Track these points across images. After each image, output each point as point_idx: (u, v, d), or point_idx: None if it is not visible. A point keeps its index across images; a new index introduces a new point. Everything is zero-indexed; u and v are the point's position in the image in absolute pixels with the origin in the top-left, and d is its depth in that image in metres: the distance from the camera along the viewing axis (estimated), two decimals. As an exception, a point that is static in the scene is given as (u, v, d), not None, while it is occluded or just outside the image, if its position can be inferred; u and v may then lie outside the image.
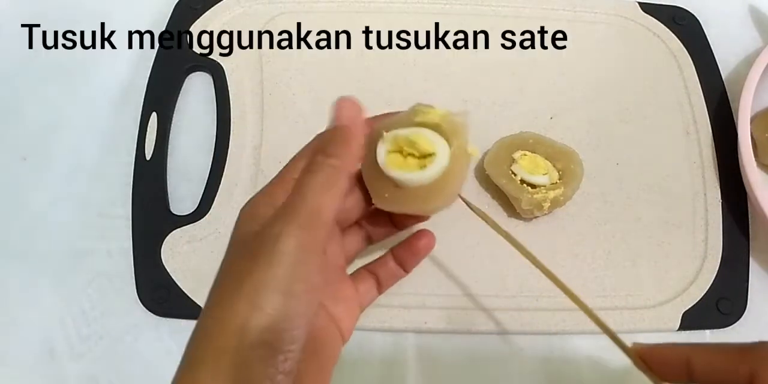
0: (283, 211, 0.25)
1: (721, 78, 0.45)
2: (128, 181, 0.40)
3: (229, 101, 0.43)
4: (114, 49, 0.46)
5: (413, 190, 0.29)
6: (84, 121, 0.44)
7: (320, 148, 0.28)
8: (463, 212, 0.40)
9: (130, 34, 0.46)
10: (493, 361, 0.37)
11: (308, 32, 0.46)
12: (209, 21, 0.46)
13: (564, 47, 0.46)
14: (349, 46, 0.45)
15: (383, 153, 0.29)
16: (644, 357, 0.27)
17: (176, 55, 0.45)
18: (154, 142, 0.41)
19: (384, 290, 0.33)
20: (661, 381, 0.27)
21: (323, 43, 0.45)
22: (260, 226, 0.25)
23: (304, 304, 0.24)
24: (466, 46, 0.46)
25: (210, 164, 0.41)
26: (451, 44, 0.46)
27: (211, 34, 0.45)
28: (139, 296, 0.38)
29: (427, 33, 0.46)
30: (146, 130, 0.42)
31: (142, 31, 0.46)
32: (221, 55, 0.45)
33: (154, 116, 0.42)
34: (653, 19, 0.48)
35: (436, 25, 0.46)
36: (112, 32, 0.47)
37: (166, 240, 0.39)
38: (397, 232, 0.33)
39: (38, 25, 0.47)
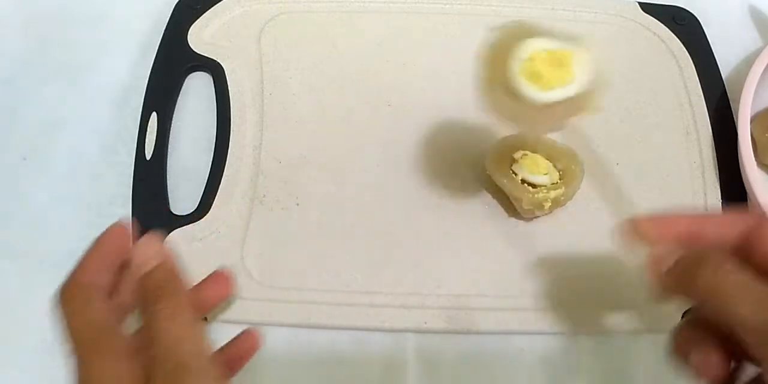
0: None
1: (721, 78, 0.45)
2: (128, 181, 0.40)
3: (229, 101, 0.43)
4: (114, 49, 0.46)
5: (532, 106, 0.30)
6: (84, 121, 0.44)
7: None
8: (464, 212, 0.40)
9: (130, 34, 0.46)
10: (493, 361, 0.37)
11: (308, 32, 0.46)
12: (209, 21, 0.46)
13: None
14: (349, 46, 0.45)
15: (521, 67, 0.30)
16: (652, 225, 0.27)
17: (176, 55, 0.45)
18: (154, 142, 0.41)
19: None
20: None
21: (323, 44, 0.45)
22: None
23: None
24: (466, 46, 0.46)
25: (210, 164, 0.41)
26: (450, 44, 0.46)
27: (211, 34, 0.45)
28: (139, 296, 0.38)
29: (427, 33, 0.46)
30: (146, 130, 0.42)
31: (142, 31, 0.46)
32: (221, 55, 0.45)
33: (154, 116, 0.42)
34: (653, 19, 0.48)
35: (436, 25, 0.46)
36: (112, 32, 0.47)
37: (166, 240, 0.39)
38: None
39: (38, 25, 0.47)
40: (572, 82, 0.29)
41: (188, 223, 0.39)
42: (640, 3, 0.48)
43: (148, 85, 0.43)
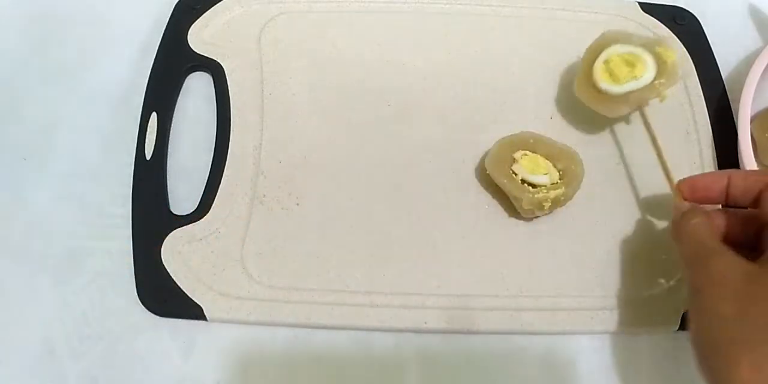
0: None
1: (721, 78, 0.45)
2: (128, 181, 0.40)
3: (229, 101, 0.43)
4: (114, 49, 0.46)
5: (608, 96, 0.40)
6: (84, 121, 0.44)
7: None
8: (463, 212, 0.40)
9: (130, 34, 0.46)
10: (493, 361, 0.37)
11: (308, 32, 0.46)
12: (209, 21, 0.46)
13: (564, 47, 0.46)
14: (349, 46, 0.45)
15: (599, 68, 0.40)
16: (690, 184, 0.35)
17: (176, 55, 0.45)
18: (154, 142, 0.41)
19: None
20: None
21: (323, 44, 0.45)
22: None
23: None
24: (466, 46, 0.46)
25: (210, 164, 0.41)
26: (451, 44, 0.46)
27: (211, 34, 0.45)
28: (139, 296, 0.38)
29: (427, 33, 0.46)
30: (146, 130, 0.42)
31: (142, 31, 0.46)
32: (221, 55, 0.45)
33: (154, 116, 0.42)
34: (653, 19, 0.48)
35: (436, 25, 0.46)
36: (112, 32, 0.47)
37: (166, 240, 0.39)
38: None
39: (38, 25, 0.47)
40: (639, 78, 0.39)
41: (188, 223, 0.39)
42: (640, 3, 0.48)
43: (148, 85, 0.43)
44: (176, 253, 0.38)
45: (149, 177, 0.41)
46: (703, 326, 0.29)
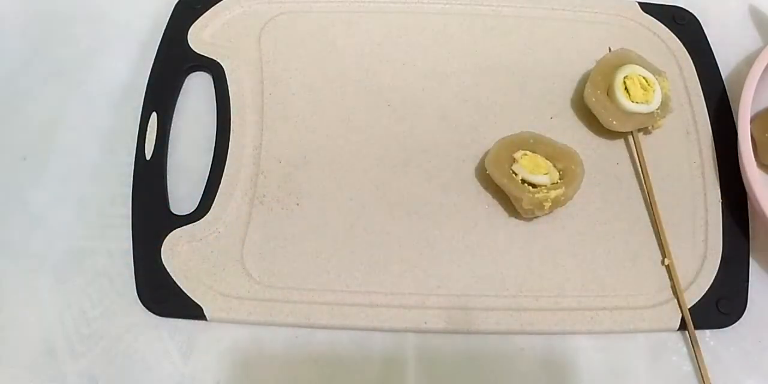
0: None
1: (721, 78, 0.45)
2: (128, 181, 0.40)
3: (229, 101, 0.43)
4: (114, 49, 0.46)
5: (619, 109, 0.41)
6: (84, 121, 0.44)
7: None
8: (463, 212, 0.40)
9: (130, 34, 0.47)
10: (493, 361, 0.37)
11: (308, 32, 0.46)
12: (209, 21, 0.46)
13: (564, 47, 0.46)
14: (349, 46, 0.45)
15: (620, 81, 0.41)
16: None
17: (176, 55, 0.45)
18: (154, 142, 0.41)
19: None
20: None
21: (323, 44, 0.45)
22: None
23: None
24: (466, 46, 0.46)
25: (210, 164, 0.41)
26: (451, 44, 0.46)
27: (211, 34, 0.45)
28: (139, 296, 0.38)
29: (427, 33, 0.46)
30: (146, 130, 0.42)
31: (142, 31, 0.46)
32: (221, 55, 0.45)
33: (154, 116, 0.42)
34: (653, 19, 0.48)
35: (436, 25, 0.46)
36: (113, 32, 0.47)
37: (166, 240, 0.39)
38: None
39: (38, 24, 0.47)
40: (650, 102, 0.41)
41: (188, 223, 0.39)
42: (640, 3, 0.48)
43: (148, 85, 0.43)
44: (176, 253, 0.38)
45: (149, 177, 0.41)
46: None
